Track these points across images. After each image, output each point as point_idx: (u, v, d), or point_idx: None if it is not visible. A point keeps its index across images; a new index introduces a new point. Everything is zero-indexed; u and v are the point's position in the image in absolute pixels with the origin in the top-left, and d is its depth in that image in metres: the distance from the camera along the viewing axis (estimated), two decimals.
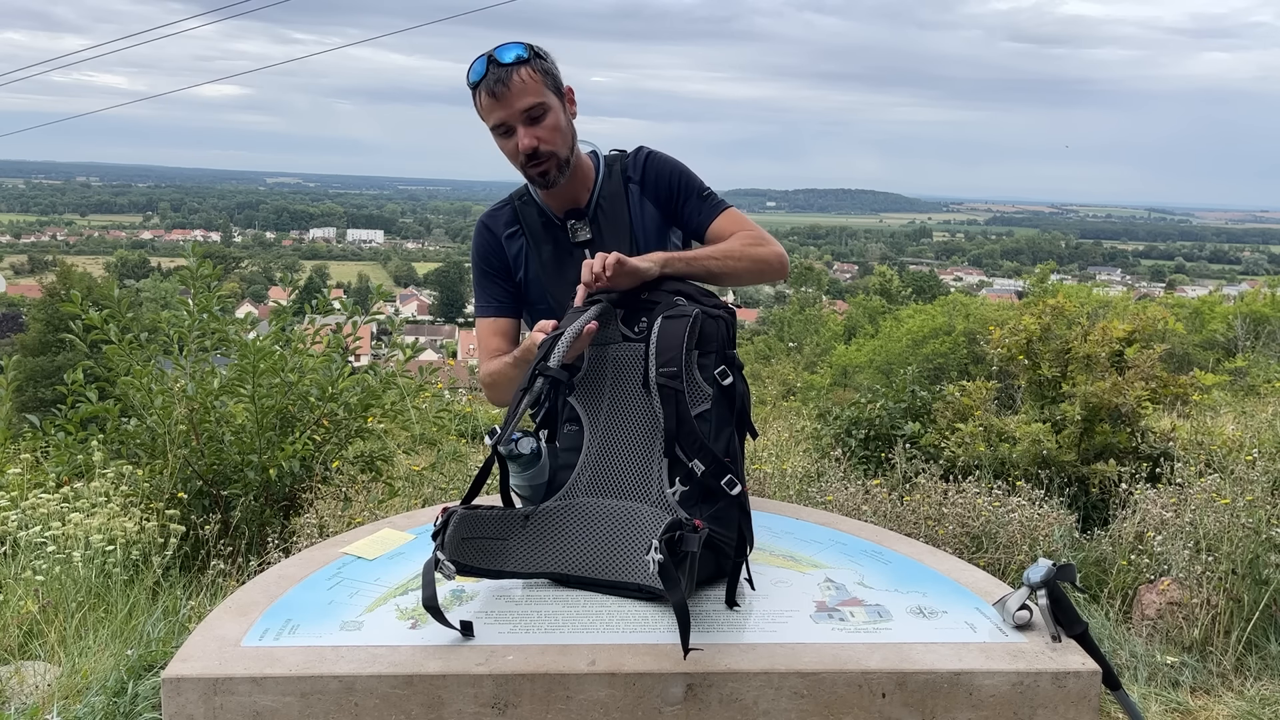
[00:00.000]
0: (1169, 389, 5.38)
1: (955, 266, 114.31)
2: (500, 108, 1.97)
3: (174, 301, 6.69)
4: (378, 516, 3.66)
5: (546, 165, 2.02)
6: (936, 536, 3.90)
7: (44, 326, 18.16)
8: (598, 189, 2.15)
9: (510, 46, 1.97)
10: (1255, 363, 10.88)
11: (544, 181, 2.06)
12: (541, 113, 1.99)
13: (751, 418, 1.79)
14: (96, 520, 3.68)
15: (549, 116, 2.00)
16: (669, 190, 2.15)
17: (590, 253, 2.05)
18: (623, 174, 2.16)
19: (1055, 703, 1.41)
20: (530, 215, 2.17)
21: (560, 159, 2.03)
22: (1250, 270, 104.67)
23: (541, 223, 2.17)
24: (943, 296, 24.33)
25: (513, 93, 1.95)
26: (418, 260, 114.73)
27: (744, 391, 1.73)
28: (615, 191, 2.14)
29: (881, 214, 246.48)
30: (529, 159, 2.01)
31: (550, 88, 2.01)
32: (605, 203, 2.14)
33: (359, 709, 1.36)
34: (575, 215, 2.13)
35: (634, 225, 2.14)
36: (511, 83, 1.94)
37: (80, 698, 2.71)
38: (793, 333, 31.40)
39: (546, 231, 2.16)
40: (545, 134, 2.00)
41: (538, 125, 1.99)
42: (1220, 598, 3.38)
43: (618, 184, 2.15)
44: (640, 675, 1.38)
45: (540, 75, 1.98)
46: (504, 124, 1.99)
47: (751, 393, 1.88)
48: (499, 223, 2.22)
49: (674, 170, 2.16)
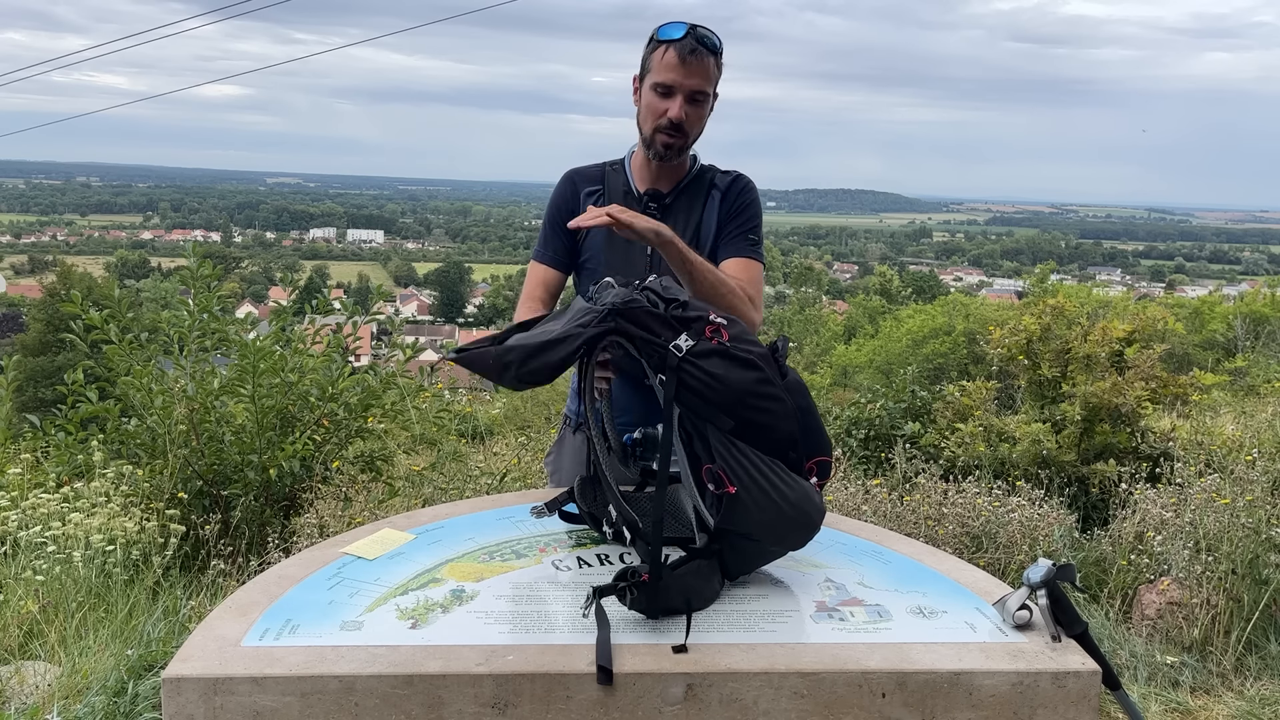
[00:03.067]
0: (1169, 389, 5.38)
1: (955, 266, 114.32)
2: (682, 72, 2.12)
3: (174, 301, 6.68)
4: (378, 516, 3.66)
5: (678, 140, 2.18)
6: (936, 536, 3.90)
7: (44, 326, 18.17)
8: (684, 182, 2.29)
9: (713, 34, 2.15)
10: (1255, 363, 10.88)
11: (664, 151, 2.20)
12: (703, 99, 2.17)
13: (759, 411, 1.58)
14: (96, 520, 3.67)
15: (705, 105, 2.19)
16: (732, 210, 2.29)
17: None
18: (711, 181, 2.31)
19: (1055, 703, 1.41)
20: (615, 182, 2.31)
21: (688, 140, 2.20)
22: (1250, 270, 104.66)
23: (623, 191, 2.29)
24: (943, 296, 24.33)
25: (699, 71, 2.13)
26: (418, 260, 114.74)
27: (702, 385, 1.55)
28: (698, 189, 2.30)
29: (881, 214, 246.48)
30: (671, 126, 2.15)
31: (716, 85, 2.20)
32: (685, 196, 2.29)
33: (359, 709, 1.36)
34: (654, 196, 2.27)
35: (703, 224, 2.27)
36: (705, 60, 2.12)
37: (80, 698, 2.71)
38: (793, 333, 31.42)
39: (624, 200, 2.27)
40: (693, 115, 2.17)
41: (694, 105, 2.16)
42: (1220, 598, 3.38)
43: (703, 187, 2.30)
44: (640, 675, 1.38)
45: (718, 71, 2.18)
46: (672, 87, 2.13)
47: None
48: (584, 179, 2.36)
49: (749, 202, 2.32)
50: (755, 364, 1.53)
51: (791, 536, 1.58)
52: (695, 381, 1.50)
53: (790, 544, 1.61)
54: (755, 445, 1.52)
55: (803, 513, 1.53)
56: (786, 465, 1.54)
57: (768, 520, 1.52)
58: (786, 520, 1.52)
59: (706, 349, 1.51)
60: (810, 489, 1.56)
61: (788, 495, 1.51)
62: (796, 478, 1.54)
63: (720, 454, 1.51)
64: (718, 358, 1.51)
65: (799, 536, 1.58)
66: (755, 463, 1.50)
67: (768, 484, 1.50)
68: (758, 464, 1.50)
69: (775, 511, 1.51)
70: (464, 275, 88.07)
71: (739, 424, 1.51)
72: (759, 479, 1.50)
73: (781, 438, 1.53)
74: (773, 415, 1.53)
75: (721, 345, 1.53)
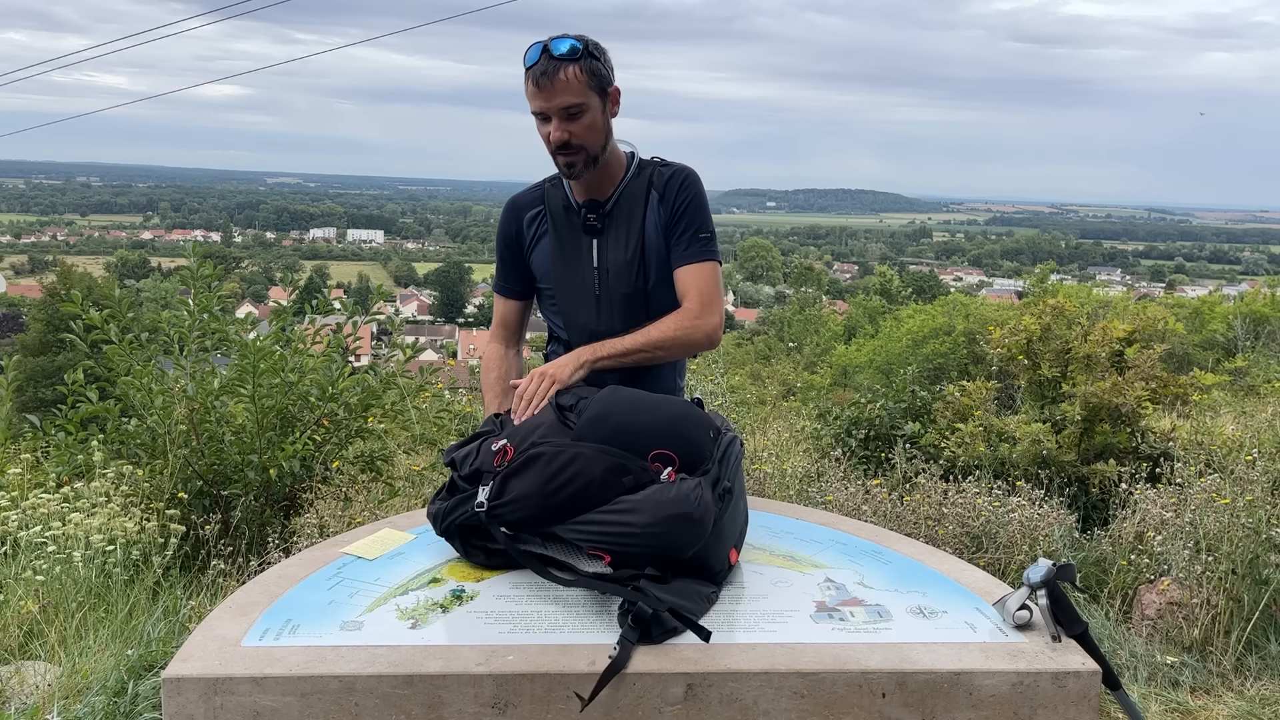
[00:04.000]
0: (1169, 389, 5.38)
1: (955, 266, 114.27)
2: (542, 98, 2.08)
3: (174, 301, 6.68)
4: (378, 516, 3.66)
5: (575, 158, 2.13)
6: (936, 536, 3.90)
7: (44, 326, 18.17)
8: (621, 186, 2.24)
9: (565, 40, 2.07)
10: (1255, 363, 10.87)
11: (570, 172, 2.17)
12: (579, 111, 2.09)
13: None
14: (97, 520, 3.67)
15: (586, 115, 2.10)
16: (675, 212, 2.24)
17: (599, 244, 2.21)
18: (650, 180, 2.26)
19: (1055, 703, 1.41)
20: (555, 198, 2.29)
21: (590, 154, 2.14)
22: (1250, 270, 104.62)
23: (563, 206, 2.28)
24: (943, 296, 24.33)
25: (556, 88, 2.06)
26: (418, 260, 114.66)
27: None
28: (636, 193, 2.24)
29: (881, 214, 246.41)
30: (559, 148, 2.12)
31: (594, 88, 2.10)
32: (624, 200, 2.24)
33: (359, 709, 1.36)
34: (592, 206, 2.24)
35: (646, 228, 2.23)
36: (556, 78, 2.05)
37: (80, 698, 2.71)
38: (793, 333, 31.42)
39: (565, 215, 2.27)
40: (578, 130, 2.10)
41: (573, 122, 2.10)
42: (1220, 598, 3.38)
43: (641, 187, 2.25)
44: (640, 675, 1.38)
45: (586, 75, 2.08)
46: (543, 112, 2.10)
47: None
48: (524, 205, 2.35)
49: (690, 199, 2.25)
50: (532, 458, 1.64)
51: (677, 539, 1.58)
52: (510, 512, 1.64)
53: (679, 546, 1.59)
54: (590, 503, 1.59)
55: (663, 525, 1.56)
56: (630, 478, 1.60)
57: (647, 552, 1.57)
58: (658, 536, 1.56)
59: (499, 489, 1.64)
60: (651, 496, 1.58)
61: (636, 521, 1.56)
62: (635, 496, 1.58)
63: (574, 536, 1.61)
64: (513, 479, 1.64)
65: (682, 537, 1.58)
66: (602, 520, 1.58)
67: (620, 526, 1.56)
68: (602, 519, 1.58)
69: (650, 541, 1.56)
70: (464, 275, 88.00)
71: (563, 504, 1.60)
72: (616, 531, 1.57)
73: (596, 477, 1.60)
74: (578, 474, 1.60)
75: (506, 466, 1.66)
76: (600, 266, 2.22)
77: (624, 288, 2.22)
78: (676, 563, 1.59)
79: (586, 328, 2.26)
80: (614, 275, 2.22)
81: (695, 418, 1.75)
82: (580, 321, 2.28)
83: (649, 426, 1.68)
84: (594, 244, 2.23)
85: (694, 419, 1.74)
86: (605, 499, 1.59)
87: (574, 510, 1.60)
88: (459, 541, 1.74)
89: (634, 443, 1.64)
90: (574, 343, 2.27)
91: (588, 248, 2.24)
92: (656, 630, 1.45)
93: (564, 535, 1.62)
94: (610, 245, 2.22)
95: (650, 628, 1.45)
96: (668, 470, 1.61)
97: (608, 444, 1.63)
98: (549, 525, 1.63)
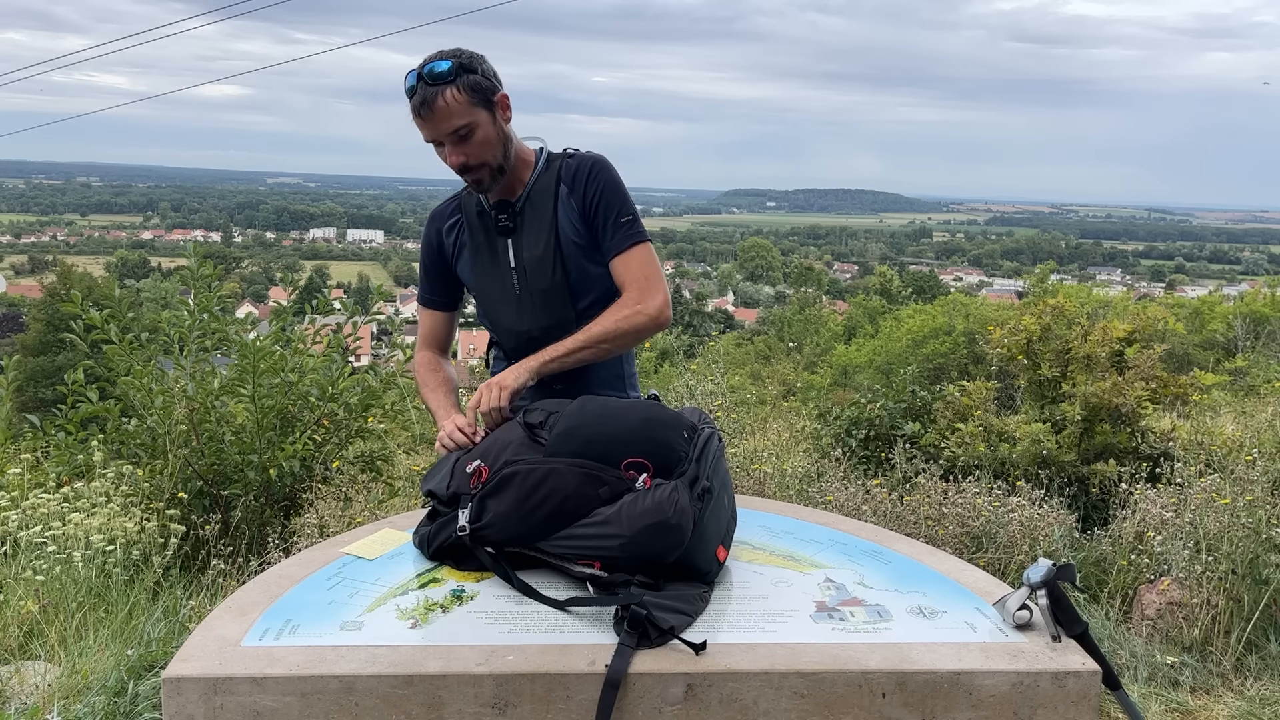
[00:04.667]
0: (1169, 389, 5.38)
1: (955, 266, 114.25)
2: (428, 128, 2.07)
3: (174, 301, 6.68)
4: (378, 516, 3.66)
5: (478, 175, 2.13)
6: (936, 536, 3.90)
7: (44, 326, 18.18)
8: (530, 184, 2.23)
9: (436, 64, 2.03)
10: (1255, 363, 10.87)
11: (479, 189, 2.18)
12: (468, 131, 2.06)
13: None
14: (97, 520, 3.67)
15: (476, 133, 2.07)
16: (591, 204, 2.20)
17: (512, 243, 2.21)
18: (558, 173, 2.23)
19: (1055, 703, 1.41)
20: (470, 204, 2.29)
21: (492, 168, 2.13)
22: (1250, 270, 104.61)
23: (477, 211, 2.27)
24: (943, 296, 24.33)
25: (438, 115, 2.03)
26: (418, 260, 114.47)
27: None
28: (546, 188, 2.22)
29: (881, 214, 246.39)
30: (460, 171, 2.12)
31: (479, 103, 2.06)
32: (534, 196, 2.22)
33: (359, 709, 1.36)
34: (502, 207, 2.22)
35: (558, 222, 2.20)
36: (436, 106, 2.02)
37: (80, 698, 2.71)
38: (793, 333, 31.41)
39: (480, 220, 2.27)
40: (472, 150, 2.08)
41: (465, 143, 2.07)
42: (1220, 598, 3.38)
43: (550, 181, 2.22)
44: (640, 675, 1.38)
45: (467, 94, 2.04)
46: (433, 140, 2.10)
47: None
48: (442, 215, 2.35)
49: (604, 185, 2.20)
50: (505, 478, 1.65)
51: (657, 545, 1.58)
52: (493, 534, 1.65)
53: (660, 552, 1.60)
54: (569, 517, 1.61)
55: (642, 535, 1.56)
56: (605, 488, 1.61)
57: (631, 561, 1.58)
58: (638, 546, 1.57)
59: (477, 510, 1.66)
60: (626, 507, 1.58)
61: (614, 533, 1.57)
62: (610, 508, 1.59)
63: (559, 550, 1.63)
64: (490, 499, 1.65)
65: (661, 544, 1.58)
66: (582, 534, 1.60)
67: (600, 539, 1.58)
68: (582, 532, 1.60)
69: (631, 551, 1.57)
70: None
71: (542, 521, 1.62)
72: (598, 545, 1.59)
73: (572, 491, 1.61)
74: (554, 490, 1.61)
75: (481, 487, 1.67)
76: (517, 265, 2.22)
77: (542, 283, 2.21)
78: (663, 566, 1.60)
79: (512, 329, 2.26)
80: (531, 272, 2.21)
81: (666, 420, 1.73)
82: (505, 323, 2.28)
83: (620, 434, 1.67)
84: (509, 244, 2.22)
85: (664, 421, 1.72)
86: (583, 511, 1.60)
87: (554, 526, 1.62)
88: (451, 560, 1.75)
89: (606, 453, 1.64)
90: (503, 344, 2.30)
91: (503, 248, 2.23)
92: (654, 633, 1.45)
93: (549, 549, 1.63)
94: (525, 243, 2.21)
95: (648, 630, 1.45)
96: (643, 477, 1.61)
97: (580, 457, 1.64)
98: (532, 542, 1.64)
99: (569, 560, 1.62)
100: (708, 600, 1.60)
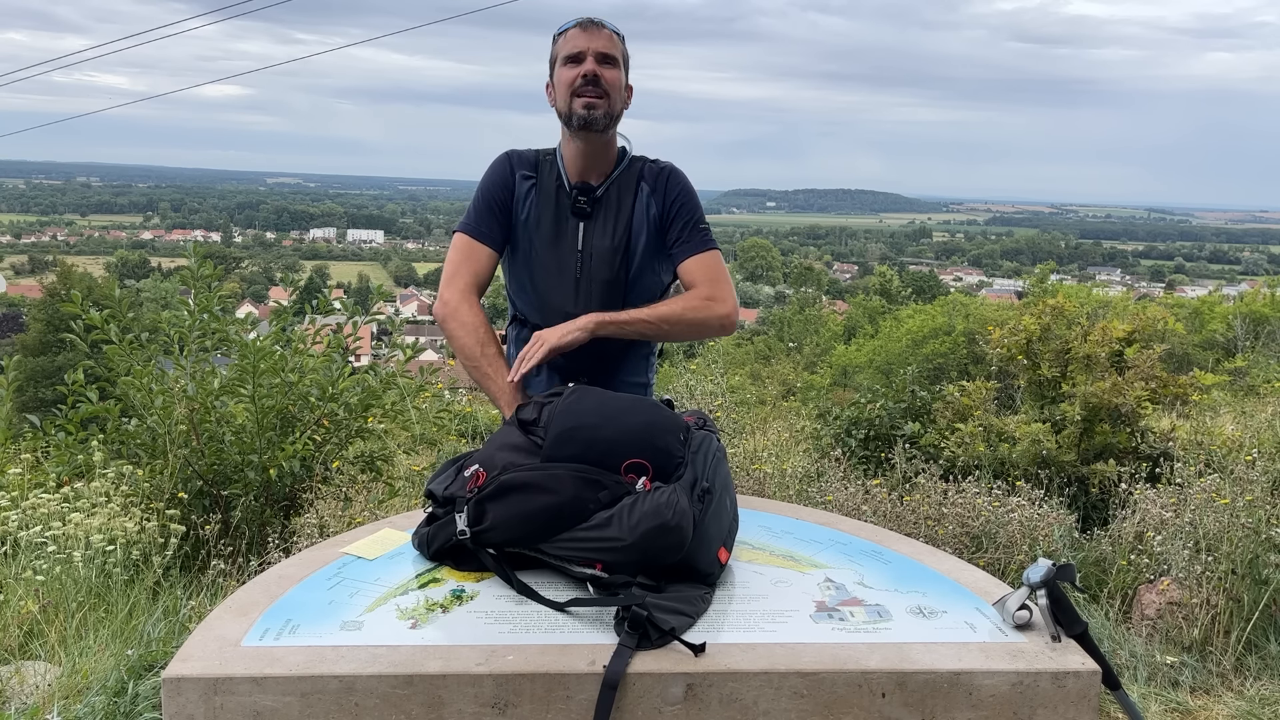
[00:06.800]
0: (1169, 389, 5.38)
1: (955, 266, 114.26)
2: (584, 37, 2.17)
3: (174, 301, 6.69)
4: (378, 516, 3.66)
5: (597, 96, 2.16)
6: (936, 536, 3.90)
7: (44, 326, 18.18)
8: (614, 176, 2.27)
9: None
10: (1255, 363, 10.88)
11: (588, 114, 2.17)
12: (614, 62, 2.20)
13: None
14: (97, 520, 3.67)
15: (616, 69, 2.20)
16: (672, 207, 2.27)
17: (585, 228, 2.23)
18: (639, 173, 2.29)
19: (1055, 702, 1.41)
20: (548, 171, 2.29)
21: (609, 108, 2.18)
22: (1250, 270, 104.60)
23: (555, 184, 2.28)
24: (942, 296, 24.34)
25: (602, 35, 2.18)
26: (418, 260, 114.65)
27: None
28: (627, 184, 2.27)
29: (881, 214, 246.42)
30: (585, 82, 2.15)
31: (625, 61, 2.24)
32: (614, 189, 2.26)
33: (359, 709, 1.36)
34: (584, 190, 2.25)
35: (634, 218, 2.25)
36: (603, 30, 2.19)
37: (80, 698, 2.71)
38: (793, 333, 31.41)
39: (556, 193, 2.27)
40: (610, 76, 2.17)
41: (607, 67, 2.18)
42: (1220, 598, 3.38)
43: (632, 179, 2.28)
44: (640, 675, 1.38)
45: (623, 46, 2.23)
46: (580, 52, 2.17)
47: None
48: (521, 161, 2.33)
49: (683, 193, 2.29)
50: (504, 486, 1.64)
51: (658, 548, 1.58)
52: (494, 536, 1.65)
53: (661, 555, 1.60)
54: (568, 521, 1.61)
55: (642, 539, 1.56)
56: (605, 493, 1.60)
57: (633, 565, 1.59)
58: (639, 550, 1.57)
59: (475, 514, 1.65)
60: (626, 510, 1.58)
61: (615, 537, 1.57)
62: (610, 512, 1.59)
63: (561, 553, 1.63)
64: (489, 504, 1.65)
65: (662, 547, 1.58)
66: (583, 538, 1.60)
67: (601, 543, 1.58)
68: (584, 535, 1.60)
69: (632, 555, 1.57)
70: None
71: (543, 526, 1.62)
72: (600, 549, 1.58)
73: (571, 496, 1.61)
74: (553, 498, 1.61)
75: (478, 491, 1.66)
76: (584, 250, 2.23)
77: (606, 274, 2.22)
78: (665, 568, 1.60)
79: (560, 308, 2.23)
80: (596, 260, 2.22)
81: (665, 423, 1.73)
82: (555, 301, 2.26)
83: (618, 437, 1.67)
84: (580, 227, 2.24)
85: (663, 424, 1.72)
86: (584, 516, 1.60)
87: (554, 529, 1.62)
88: (450, 561, 1.75)
89: (605, 457, 1.64)
90: (544, 324, 2.20)
91: (573, 229, 2.24)
92: (655, 634, 1.45)
93: (551, 552, 1.63)
94: (596, 231, 2.23)
95: (649, 631, 1.45)
96: (642, 480, 1.61)
97: (579, 461, 1.63)
98: (533, 544, 1.65)
99: (570, 562, 1.62)
100: (709, 602, 1.60)
